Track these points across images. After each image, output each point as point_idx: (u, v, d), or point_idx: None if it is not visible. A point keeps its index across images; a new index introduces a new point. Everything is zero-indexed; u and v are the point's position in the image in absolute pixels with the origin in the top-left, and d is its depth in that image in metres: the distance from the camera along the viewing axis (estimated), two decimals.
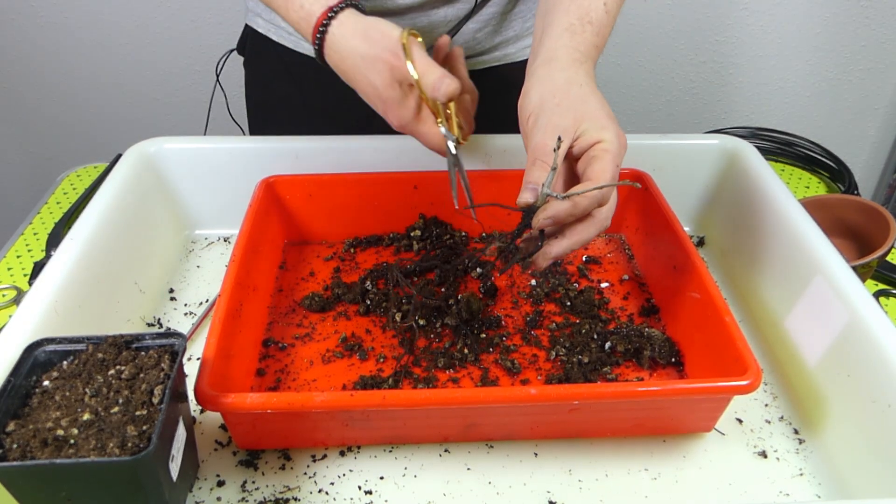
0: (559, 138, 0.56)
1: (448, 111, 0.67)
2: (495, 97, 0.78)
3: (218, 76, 0.98)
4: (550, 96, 0.60)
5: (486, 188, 0.82)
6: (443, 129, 0.66)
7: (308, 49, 0.90)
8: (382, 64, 0.62)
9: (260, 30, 0.92)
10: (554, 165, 0.56)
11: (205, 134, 0.94)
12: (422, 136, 0.67)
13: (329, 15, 0.64)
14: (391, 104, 0.64)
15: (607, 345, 0.69)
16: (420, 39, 0.64)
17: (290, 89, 0.95)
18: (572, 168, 0.61)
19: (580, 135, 0.58)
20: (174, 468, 0.51)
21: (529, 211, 0.58)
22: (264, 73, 0.97)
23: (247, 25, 0.96)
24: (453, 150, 0.67)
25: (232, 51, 0.99)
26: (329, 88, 0.93)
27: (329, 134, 0.86)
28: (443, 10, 0.82)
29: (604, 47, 0.67)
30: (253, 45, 0.95)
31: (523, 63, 0.68)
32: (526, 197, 0.57)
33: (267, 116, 1.00)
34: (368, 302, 0.75)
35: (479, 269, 0.79)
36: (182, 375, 0.55)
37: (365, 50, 0.63)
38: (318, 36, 0.64)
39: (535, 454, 0.62)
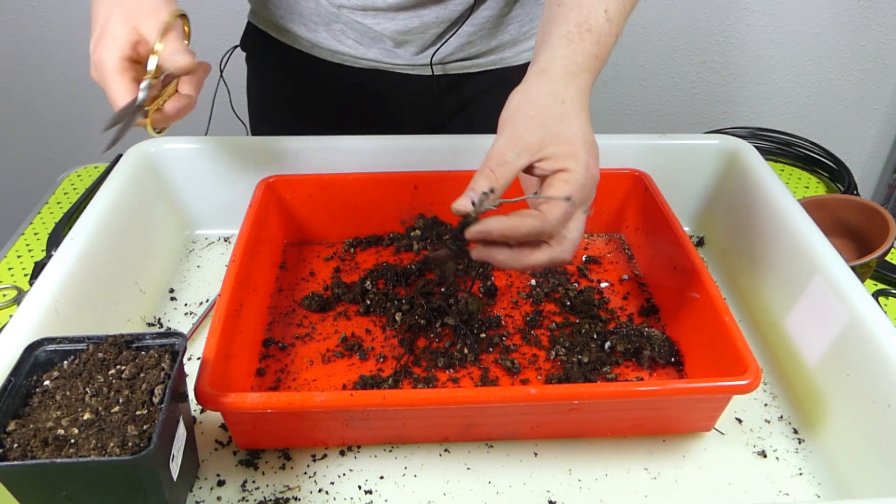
0: (490, 190, 0.53)
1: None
2: (491, 100, 0.78)
3: (221, 72, 0.99)
4: (528, 107, 0.56)
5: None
6: (144, 83, 0.61)
7: (307, 47, 0.90)
8: (136, 7, 0.60)
9: (260, 26, 0.93)
10: (477, 210, 0.53)
11: (207, 129, 0.94)
12: (113, 86, 0.61)
13: None
14: (109, 38, 0.60)
15: (607, 345, 0.69)
16: (187, 29, 0.64)
17: (288, 86, 0.95)
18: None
19: (546, 157, 0.54)
20: (174, 468, 0.51)
21: (467, 219, 0.55)
22: (264, 70, 0.97)
23: (249, 22, 0.97)
24: (143, 95, 0.61)
25: (236, 47, 0.99)
26: (327, 87, 0.94)
27: (327, 132, 0.87)
28: (434, 11, 0.82)
29: (607, 58, 0.63)
30: (254, 41, 0.96)
31: (520, 67, 0.66)
32: (463, 203, 0.54)
33: (266, 112, 1.01)
34: (368, 302, 0.75)
35: (480, 269, 0.79)
36: (182, 375, 0.55)
37: None
38: None
39: (535, 454, 0.62)
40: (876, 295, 0.82)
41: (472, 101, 0.94)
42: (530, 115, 0.56)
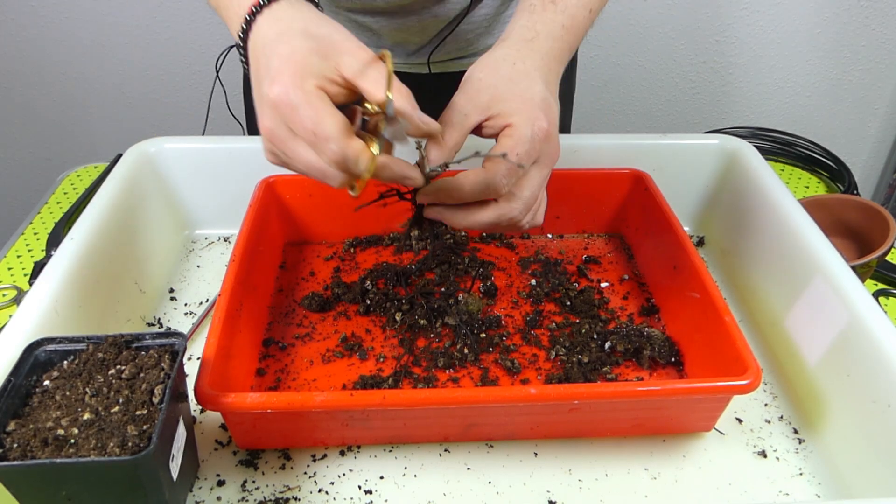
0: (419, 146, 0.53)
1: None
2: None
3: (218, 72, 0.98)
4: (478, 70, 0.57)
5: None
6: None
7: None
8: (329, 41, 0.48)
9: None
10: (425, 174, 0.54)
11: (205, 129, 0.94)
12: (317, 113, 0.46)
13: None
14: (300, 70, 0.47)
15: (607, 344, 0.69)
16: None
17: None
18: None
19: (493, 115, 0.54)
20: (174, 468, 0.51)
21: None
22: None
23: None
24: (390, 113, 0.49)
25: (232, 47, 0.99)
26: None
27: None
28: (431, 10, 0.82)
29: (581, 29, 0.62)
30: None
31: None
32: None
33: None
34: (368, 302, 0.75)
35: (480, 269, 0.79)
36: (182, 375, 0.55)
37: (314, 26, 0.49)
38: (256, 9, 0.50)
39: (535, 454, 0.62)
40: (876, 295, 0.82)
41: None
42: (480, 77, 0.56)
